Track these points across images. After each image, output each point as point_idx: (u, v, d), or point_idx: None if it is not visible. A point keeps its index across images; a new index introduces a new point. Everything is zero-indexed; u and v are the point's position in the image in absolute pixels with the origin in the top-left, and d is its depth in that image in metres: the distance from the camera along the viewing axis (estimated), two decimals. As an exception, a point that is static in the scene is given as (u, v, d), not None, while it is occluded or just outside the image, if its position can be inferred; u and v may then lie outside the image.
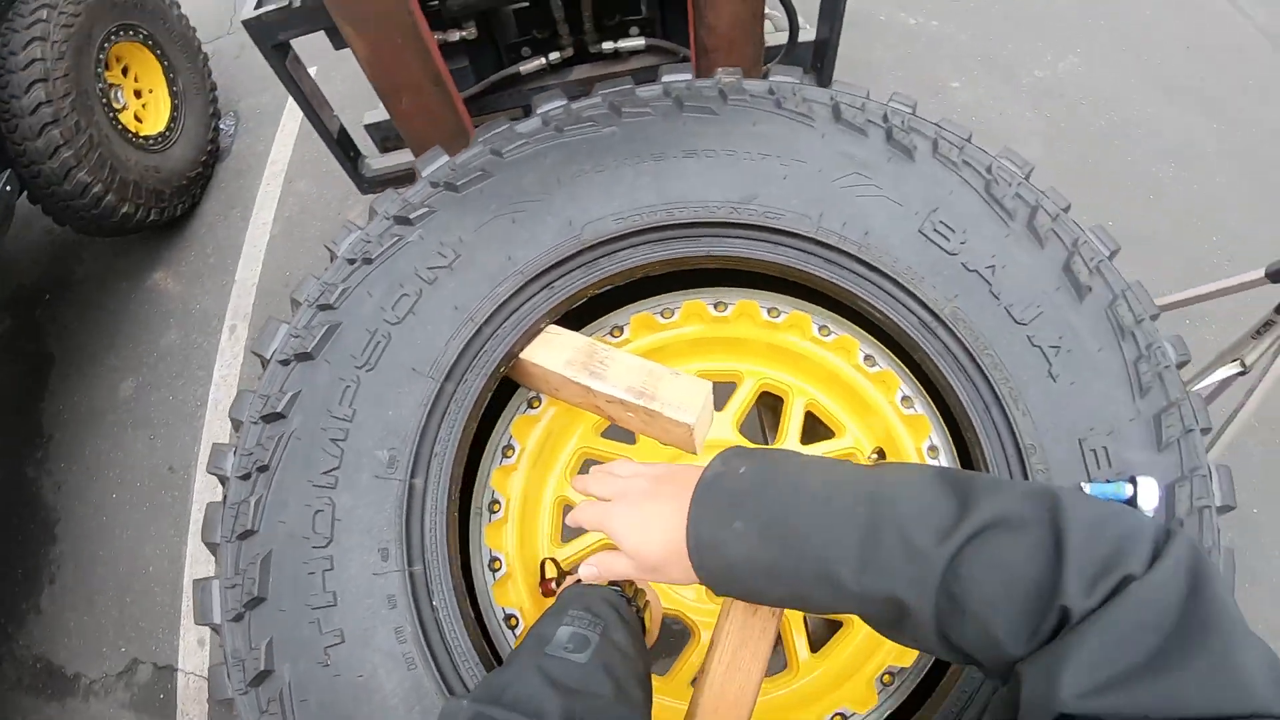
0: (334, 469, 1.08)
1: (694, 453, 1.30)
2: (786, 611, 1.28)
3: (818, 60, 2.15)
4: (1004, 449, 1.15)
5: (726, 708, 0.99)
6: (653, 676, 1.33)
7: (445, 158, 1.40)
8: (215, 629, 1.12)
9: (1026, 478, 1.13)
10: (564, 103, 1.44)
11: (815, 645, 1.37)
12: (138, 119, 3.90)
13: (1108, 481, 1.10)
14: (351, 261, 1.27)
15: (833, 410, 1.52)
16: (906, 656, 1.27)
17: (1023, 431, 1.14)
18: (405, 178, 2.11)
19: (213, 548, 1.15)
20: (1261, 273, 1.88)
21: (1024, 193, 1.29)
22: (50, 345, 3.91)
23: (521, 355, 1.22)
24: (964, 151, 1.32)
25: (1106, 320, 1.20)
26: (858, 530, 0.76)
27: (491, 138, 1.40)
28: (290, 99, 4.15)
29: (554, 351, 1.23)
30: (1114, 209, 3.56)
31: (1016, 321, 1.21)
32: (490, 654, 1.09)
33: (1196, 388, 2.14)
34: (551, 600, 1.32)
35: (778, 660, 1.24)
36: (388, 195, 1.38)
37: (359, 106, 2.79)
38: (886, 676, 1.26)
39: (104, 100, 3.59)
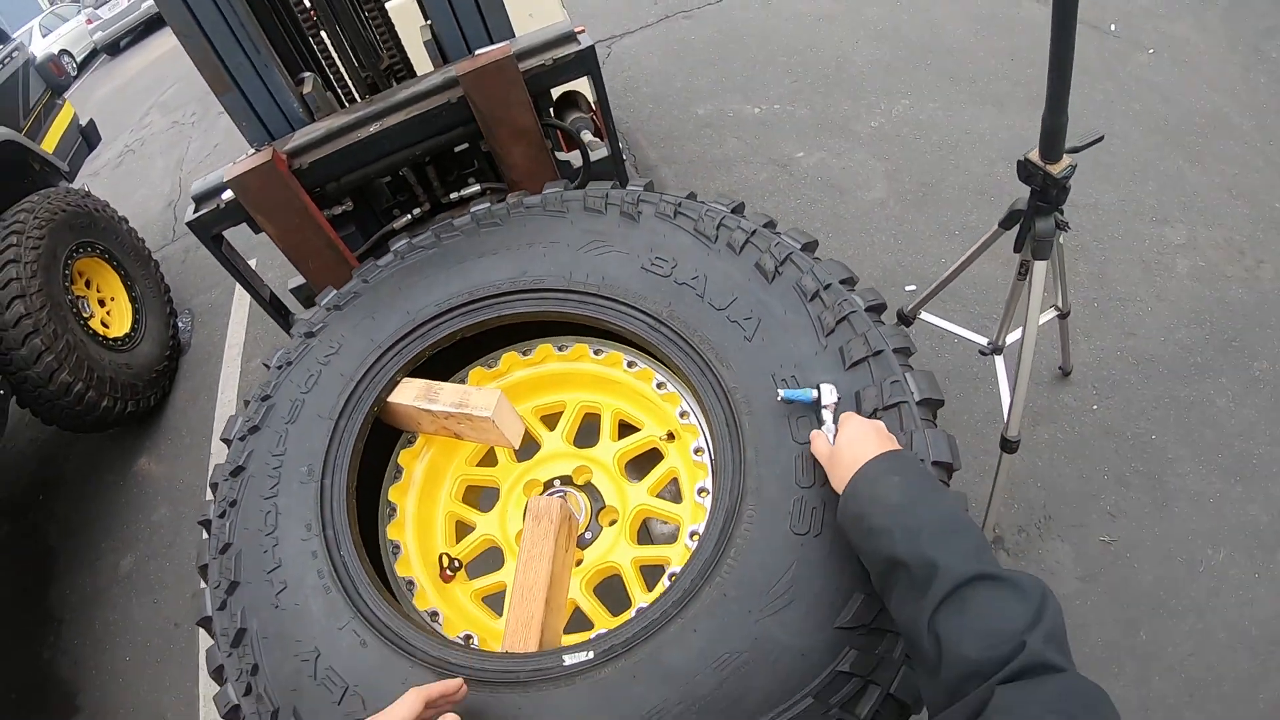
0: (275, 484, 1.78)
1: (513, 447, 1.97)
2: (619, 557, 1.88)
3: (614, 168, 2.91)
4: (715, 394, 1.69)
5: (529, 585, 1.62)
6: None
7: (334, 291, 2.16)
8: (207, 624, 1.70)
9: (732, 409, 1.62)
10: (407, 240, 2.19)
11: (649, 586, 1.91)
12: (104, 324, 4.62)
13: (798, 388, 1.58)
14: (280, 367, 2.00)
15: (631, 411, 2.13)
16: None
17: (726, 379, 1.69)
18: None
19: (204, 571, 1.82)
20: (995, 225, 2.53)
21: (727, 222, 1.89)
22: (50, 539, 4.46)
23: (389, 399, 1.94)
24: (680, 207, 1.98)
25: (794, 291, 1.72)
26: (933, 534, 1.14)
27: (363, 270, 2.15)
28: (237, 289, 5.01)
29: (405, 393, 1.93)
30: (960, 214, 4.24)
31: (717, 309, 1.78)
32: (386, 586, 1.75)
33: (1014, 337, 2.84)
34: (449, 585, 1.98)
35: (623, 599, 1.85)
36: (298, 321, 2.14)
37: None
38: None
39: (74, 309, 4.29)
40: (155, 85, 9.79)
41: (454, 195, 2.83)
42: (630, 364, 2.08)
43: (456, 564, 1.94)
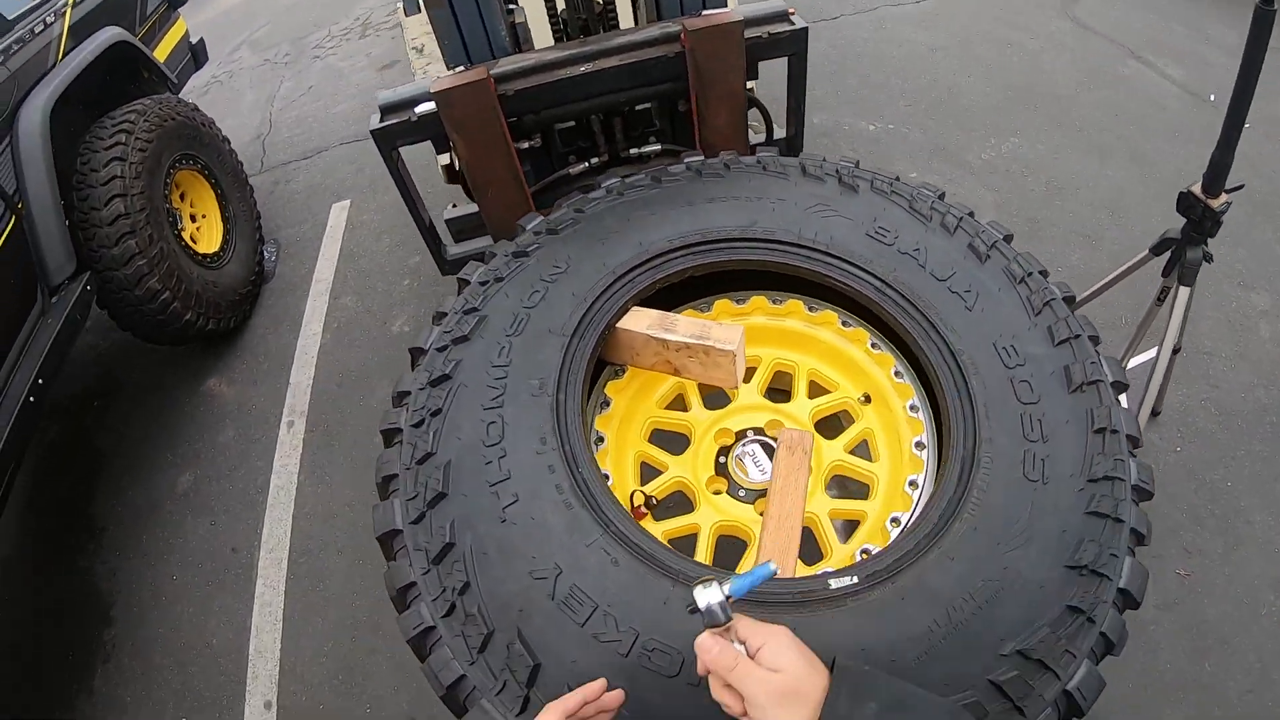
0: (499, 395, 1.68)
1: (735, 385, 1.93)
2: (815, 508, 1.83)
3: (788, 152, 2.92)
4: (943, 357, 1.79)
5: (786, 511, 1.59)
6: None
7: (541, 217, 2.08)
8: (392, 538, 1.59)
9: (961, 370, 1.74)
10: (620, 179, 2.15)
11: (844, 538, 1.89)
12: (194, 239, 4.52)
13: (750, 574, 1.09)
14: (484, 283, 1.92)
15: (827, 372, 2.15)
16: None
17: (953, 343, 1.79)
18: (477, 259, 2.83)
19: (386, 480, 1.68)
20: (1146, 251, 2.73)
21: (937, 205, 2.03)
22: (102, 446, 4.32)
23: (617, 325, 1.87)
24: (893, 186, 2.08)
25: (1004, 274, 1.89)
26: None
27: (572, 203, 2.09)
28: (328, 227, 4.91)
29: (638, 320, 1.89)
30: (1061, 255, 4.34)
31: (938, 279, 1.89)
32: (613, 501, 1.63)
33: (1131, 364, 3.15)
34: (643, 521, 1.87)
35: (814, 550, 1.81)
36: (502, 243, 2.04)
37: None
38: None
39: (170, 219, 4.19)
40: (247, 21, 9.68)
41: (633, 151, 2.75)
42: (845, 323, 2.10)
43: (652, 501, 1.89)
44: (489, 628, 1.43)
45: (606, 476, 1.84)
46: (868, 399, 2.06)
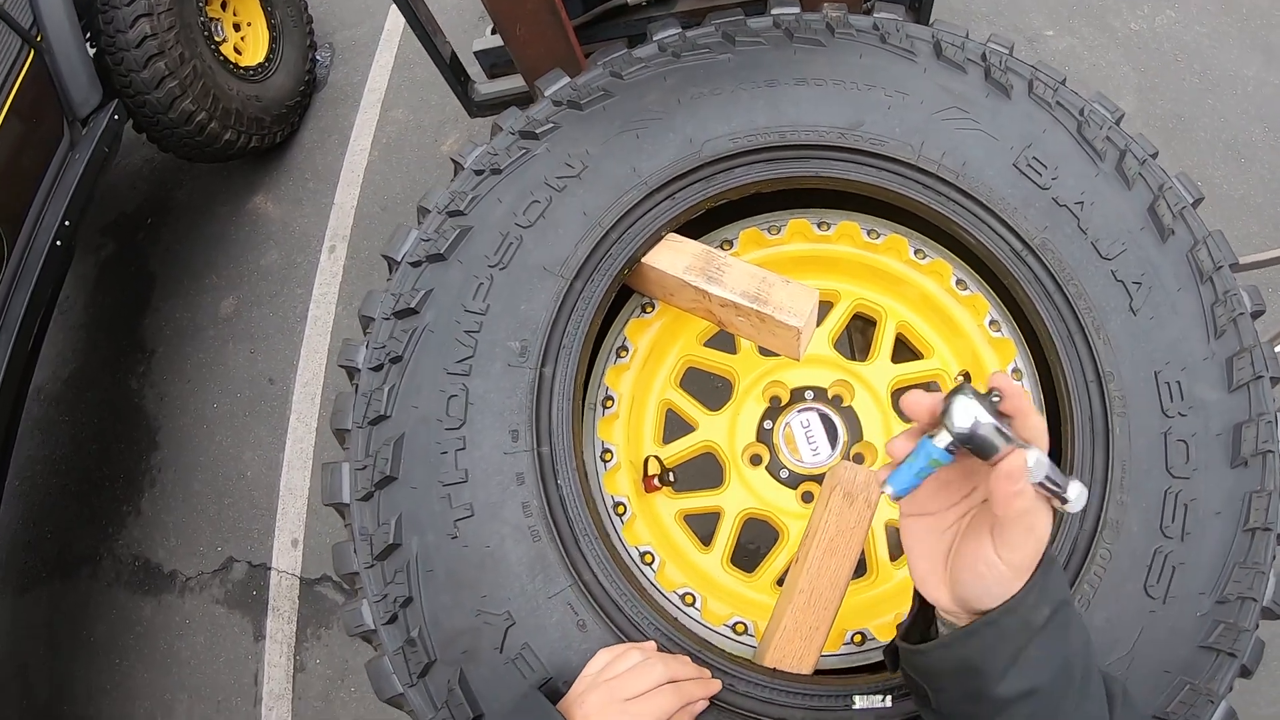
0: (468, 356, 1.14)
1: (796, 358, 1.36)
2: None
3: (916, 1, 2.14)
4: (1084, 375, 1.20)
5: (822, 588, 1.05)
6: (739, 573, 1.40)
7: (566, 79, 1.45)
8: (342, 509, 1.19)
9: (1105, 404, 1.19)
10: (678, 30, 1.49)
11: (894, 554, 1.43)
12: (237, 51, 3.94)
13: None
14: (479, 172, 1.33)
15: (922, 332, 1.56)
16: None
17: (1102, 359, 1.19)
18: (513, 102, 2.15)
19: (341, 435, 1.22)
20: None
21: (1114, 136, 1.34)
22: (152, 266, 4.01)
23: (644, 260, 1.27)
24: (1058, 93, 1.38)
25: (1187, 263, 1.25)
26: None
27: (611, 60, 1.45)
28: (387, 28, 4.24)
29: (674, 257, 1.28)
30: (1203, 166, 3.47)
31: (1102, 256, 1.26)
32: (602, 534, 1.14)
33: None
34: (653, 495, 1.39)
35: (859, 564, 1.29)
36: (512, 112, 1.43)
37: (458, 34, 2.81)
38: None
39: (206, 33, 3.62)
40: None
41: None
42: (960, 283, 1.48)
43: (669, 477, 1.42)
44: (430, 656, 1.09)
45: (608, 453, 1.33)
46: (967, 378, 1.50)
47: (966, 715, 0.83)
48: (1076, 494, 0.72)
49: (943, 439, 0.70)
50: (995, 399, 0.70)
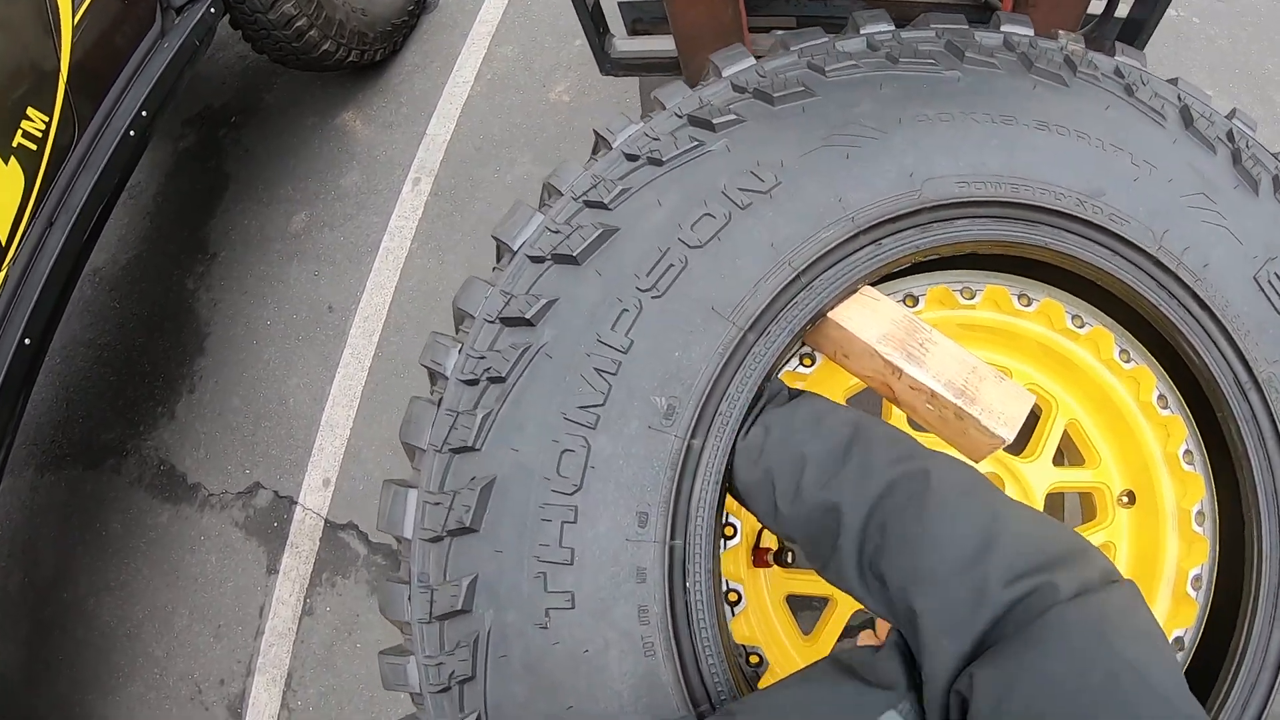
0: (596, 405, 0.87)
1: (976, 460, 1.08)
2: None
3: (1125, 40, 1.81)
4: None
5: None
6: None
7: (752, 59, 1.16)
8: (400, 541, 0.94)
9: None
10: (893, 28, 1.20)
11: None
12: (348, -45, 3.65)
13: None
14: (632, 157, 1.05)
15: (1093, 436, 1.30)
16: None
17: None
18: (654, 65, 1.87)
19: (411, 450, 0.97)
20: None
21: None
22: (229, 166, 3.79)
23: (830, 315, 0.99)
24: None
25: None
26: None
27: (809, 49, 1.16)
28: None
29: (870, 319, 0.99)
30: None
31: None
32: (733, 666, 0.88)
33: None
34: (762, 571, 1.15)
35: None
36: (679, 88, 1.15)
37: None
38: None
39: None
40: None
41: None
42: (1161, 399, 1.25)
43: (786, 559, 1.20)
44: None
45: (731, 527, 1.04)
46: (1131, 499, 1.27)
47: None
48: None
49: None
50: None
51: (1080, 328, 1.23)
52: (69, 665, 3.07)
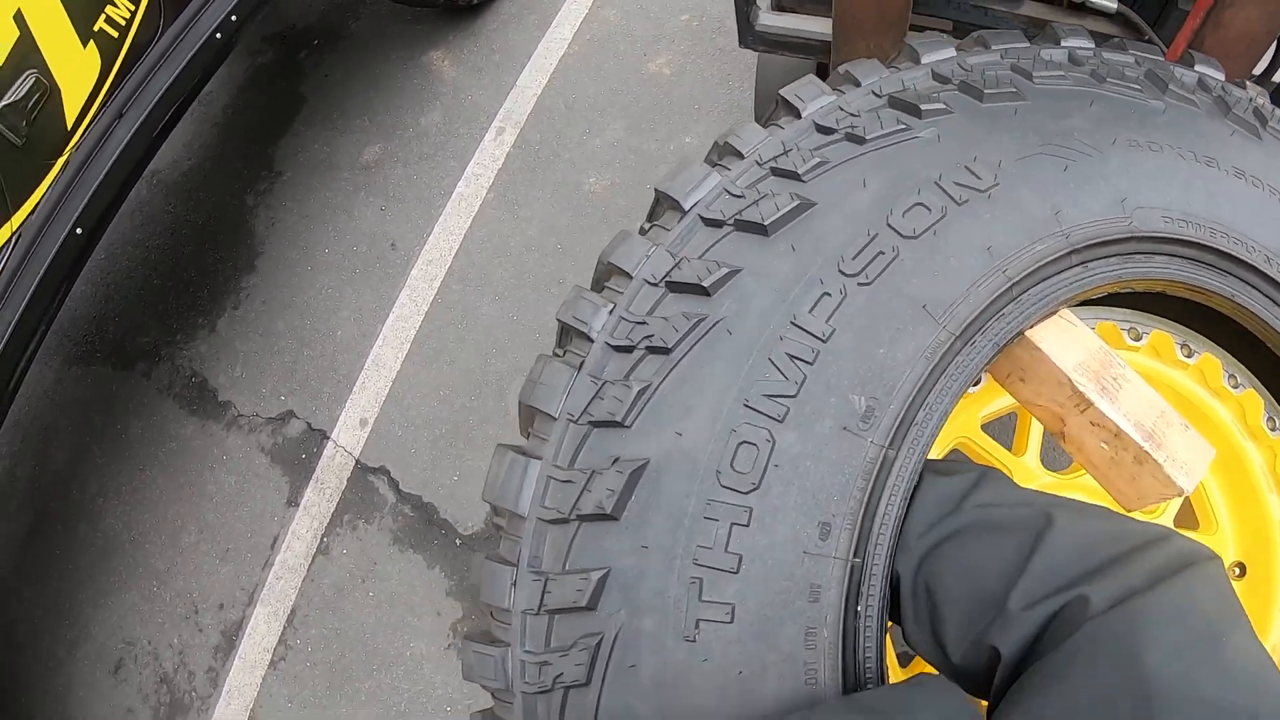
0: (786, 396, 0.77)
1: (1127, 509, 0.99)
2: None
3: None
4: None
5: None
6: None
7: (952, 49, 1.06)
8: (510, 515, 0.84)
9: None
10: (1093, 46, 1.13)
11: None
12: (461, -111, 3.55)
13: None
14: (826, 130, 0.95)
15: (1214, 500, 1.22)
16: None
17: None
18: (798, 44, 1.78)
19: (532, 415, 0.87)
20: None
21: None
22: (305, 89, 3.68)
23: (1027, 334, 0.89)
24: None
25: None
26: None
27: (1015, 51, 1.08)
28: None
29: (1068, 344, 0.90)
30: None
31: None
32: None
33: None
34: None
35: None
36: (873, 65, 1.05)
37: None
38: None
39: None
40: None
41: None
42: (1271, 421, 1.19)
43: None
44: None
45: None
46: (1242, 571, 1.20)
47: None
48: None
49: None
50: None
51: (1236, 388, 1.16)
52: (65, 561, 3.02)
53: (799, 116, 0.98)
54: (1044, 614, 0.66)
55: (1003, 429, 1.25)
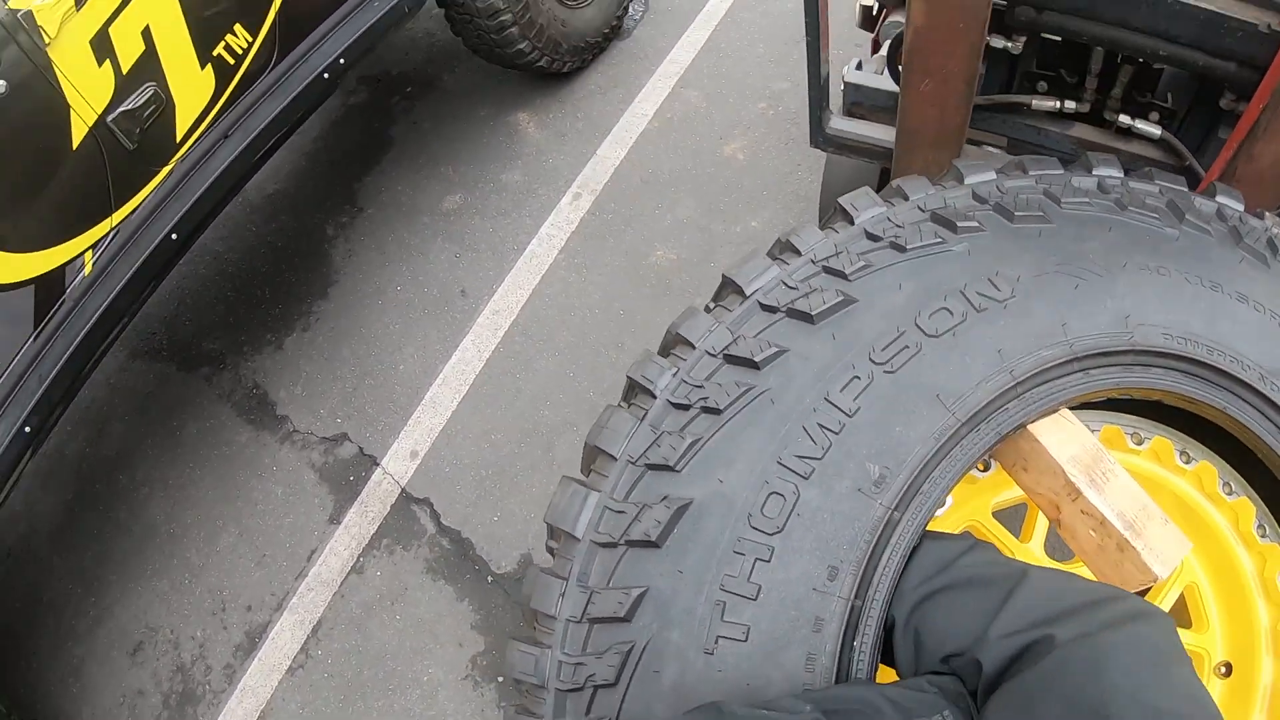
0: (813, 457, 0.92)
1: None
2: None
3: None
4: None
5: None
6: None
7: (993, 173, 1.22)
8: (565, 537, 0.98)
9: None
10: (1122, 175, 1.28)
11: None
12: (560, -30, 3.79)
13: None
14: (874, 238, 1.11)
15: (1206, 601, 1.33)
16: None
17: None
18: (864, 149, 1.96)
19: (595, 454, 1.02)
20: None
21: None
22: (395, 133, 3.92)
23: (1029, 427, 1.03)
24: None
25: None
26: None
27: (1047, 177, 1.23)
28: (707, 8, 4.01)
29: (1064, 439, 1.04)
30: None
31: None
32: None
33: None
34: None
35: None
36: (921, 183, 1.21)
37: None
38: None
39: None
40: None
41: (1123, 119, 1.74)
42: (1260, 528, 1.29)
43: None
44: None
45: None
46: (1228, 670, 1.29)
47: None
48: None
49: None
50: None
51: (1230, 494, 1.27)
52: (101, 541, 3.14)
53: (852, 223, 1.14)
54: (1018, 644, 0.78)
55: (1014, 518, 1.37)
